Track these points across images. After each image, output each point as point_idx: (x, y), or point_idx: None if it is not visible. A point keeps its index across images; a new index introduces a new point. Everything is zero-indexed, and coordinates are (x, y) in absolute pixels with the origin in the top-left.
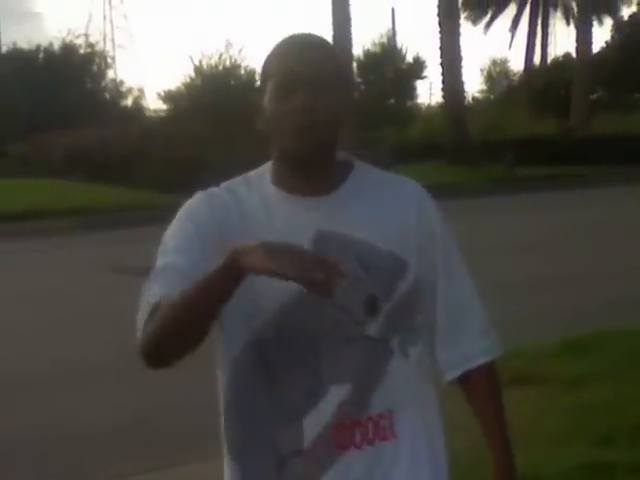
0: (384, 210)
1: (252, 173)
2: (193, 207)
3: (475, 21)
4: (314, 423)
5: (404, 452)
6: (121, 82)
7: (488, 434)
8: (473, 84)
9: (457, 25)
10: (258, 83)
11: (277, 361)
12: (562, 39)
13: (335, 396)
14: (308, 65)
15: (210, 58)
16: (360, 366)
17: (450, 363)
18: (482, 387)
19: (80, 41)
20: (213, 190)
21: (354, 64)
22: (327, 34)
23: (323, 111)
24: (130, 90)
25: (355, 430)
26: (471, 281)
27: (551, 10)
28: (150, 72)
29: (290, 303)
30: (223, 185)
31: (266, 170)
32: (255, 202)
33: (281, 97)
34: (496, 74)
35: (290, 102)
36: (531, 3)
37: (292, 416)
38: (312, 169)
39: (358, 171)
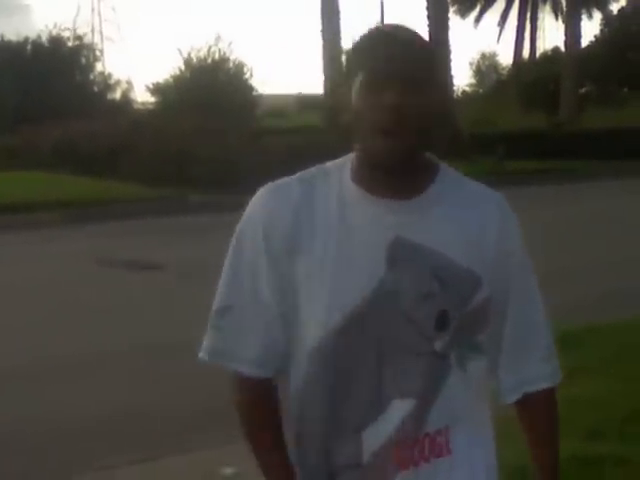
0: (465, 222)
1: (330, 164)
2: (264, 218)
3: (464, 15)
4: (375, 437)
5: (458, 467)
6: (109, 75)
7: (539, 462)
8: (462, 78)
9: (446, 19)
10: (246, 76)
11: (342, 371)
12: (551, 33)
13: (398, 411)
14: (401, 62)
15: (199, 51)
16: (423, 381)
17: (512, 384)
18: (540, 413)
19: (68, 34)
20: (284, 184)
21: (343, 57)
22: (316, 27)
23: (413, 112)
24: (118, 83)
25: (415, 446)
26: (542, 303)
27: (540, 4)
28: (139, 65)
29: (361, 310)
30: (297, 177)
31: (346, 164)
32: (331, 197)
33: (370, 93)
34: (485, 68)
35: (379, 99)
36: None
37: (351, 428)
38: (396, 172)
39: (443, 176)
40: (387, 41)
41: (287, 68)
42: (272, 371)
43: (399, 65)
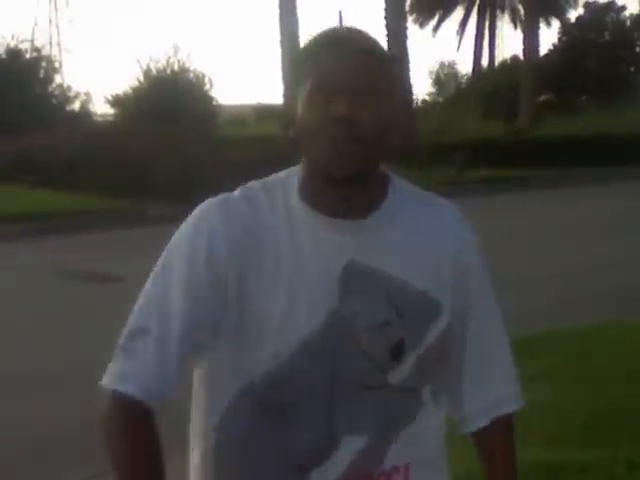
0: (421, 239)
1: (272, 179)
2: (208, 228)
3: (422, 24)
4: (324, 477)
5: None
6: (68, 87)
7: None
8: (421, 87)
9: (404, 28)
10: (207, 87)
11: (286, 408)
12: (510, 41)
13: (349, 448)
14: (354, 69)
15: (158, 62)
16: (379, 417)
17: (479, 410)
18: (501, 437)
19: (26, 45)
20: (229, 200)
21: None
22: (274, 38)
23: (365, 123)
24: (77, 95)
25: None
26: (502, 322)
27: (498, 13)
28: (97, 77)
29: (313, 343)
30: (240, 194)
31: (290, 178)
32: (278, 219)
33: (319, 104)
34: (444, 77)
35: (329, 111)
36: (478, 6)
37: (299, 468)
38: (347, 189)
39: (396, 189)
40: (337, 46)
41: (246, 78)
42: (160, 405)
43: (350, 73)
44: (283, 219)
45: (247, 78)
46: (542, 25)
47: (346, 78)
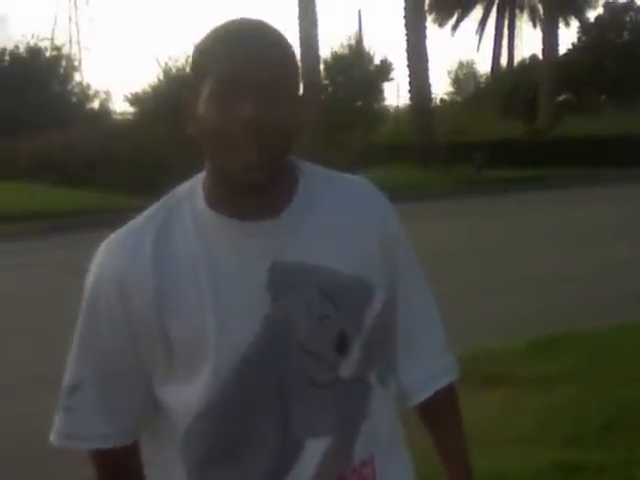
0: (341, 222)
1: (179, 190)
2: (117, 280)
3: (442, 23)
4: None
5: None
6: (88, 85)
7: (448, 455)
8: (440, 86)
9: (423, 27)
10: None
11: (241, 423)
12: (529, 41)
13: (314, 453)
14: (259, 66)
15: (177, 61)
16: (338, 414)
17: (419, 383)
18: (446, 407)
19: (46, 44)
20: (132, 236)
21: (321, 66)
22: (294, 36)
23: (275, 126)
24: (97, 93)
25: None
26: (430, 291)
27: (517, 12)
28: (117, 75)
29: (253, 355)
30: (144, 218)
31: (195, 187)
32: (189, 231)
33: (222, 103)
34: (463, 76)
35: (234, 112)
36: (497, 5)
37: None
38: (259, 195)
39: (305, 176)
40: (241, 40)
41: None
42: (133, 437)
43: (256, 70)
44: (193, 235)
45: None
46: (561, 25)
47: (252, 75)
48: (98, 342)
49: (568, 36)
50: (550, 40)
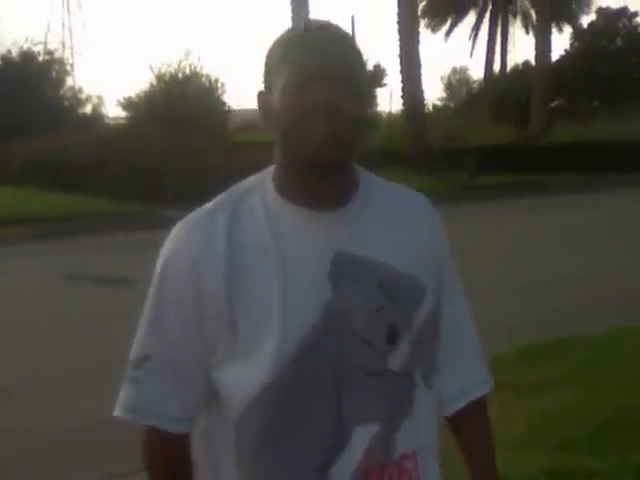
0: (397, 225)
1: (245, 183)
2: (191, 258)
3: (435, 29)
4: (341, 471)
5: None
6: (80, 89)
7: (476, 466)
8: (433, 92)
9: (417, 33)
10: (219, 92)
11: (297, 406)
12: (522, 47)
13: (362, 439)
14: (332, 56)
15: (169, 66)
16: (386, 404)
17: (454, 393)
18: (477, 419)
19: (39, 48)
20: (206, 218)
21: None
22: None
23: (351, 111)
24: (89, 98)
25: (384, 473)
26: (468, 306)
27: (510, 18)
28: (110, 80)
29: (313, 339)
30: (215, 204)
31: (265, 179)
32: (258, 224)
33: (298, 94)
34: (456, 82)
35: (310, 100)
36: (490, 11)
37: (315, 466)
38: (331, 179)
39: (365, 180)
40: (312, 35)
41: (257, 83)
42: (191, 426)
43: (329, 59)
44: (263, 222)
45: (259, 83)
46: (554, 31)
47: (326, 65)
48: (166, 317)
49: (561, 42)
50: (543, 46)
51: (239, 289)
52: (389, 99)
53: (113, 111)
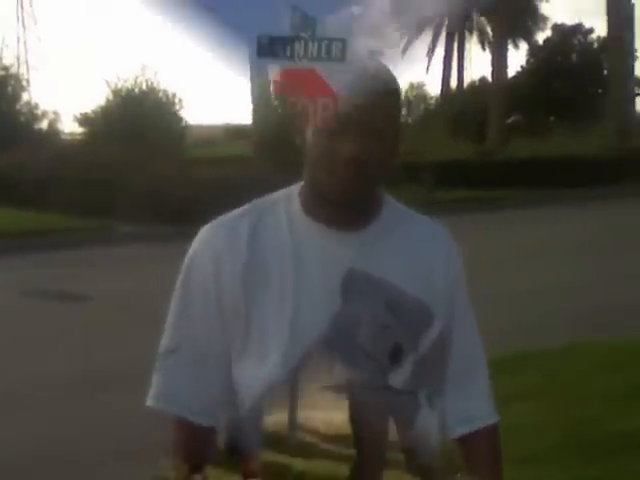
0: (415, 254)
1: (275, 195)
2: (213, 258)
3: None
4: None
5: None
6: (36, 105)
7: None
8: None
9: None
10: (176, 107)
11: None
12: (478, 63)
13: None
14: (370, 110)
15: (125, 81)
16: (384, 418)
17: (459, 418)
18: (487, 448)
19: None
20: (231, 221)
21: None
22: None
23: (374, 161)
24: (45, 113)
25: None
26: (480, 338)
27: (467, 34)
28: (66, 95)
29: (319, 347)
30: (243, 210)
31: (292, 193)
32: (281, 228)
33: (330, 136)
34: (413, 98)
35: (339, 147)
36: (447, 27)
37: None
38: (348, 207)
39: (389, 207)
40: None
41: (214, 98)
42: (216, 420)
43: (369, 114)
44: (286, 232)
45: (216, 98)
46: (510, 47)
47: (361, 117)
48: (192, 311)
49: (517, 59)
50: (499, 62)
51: (255, 290)
52: None
53: (69, 127)
